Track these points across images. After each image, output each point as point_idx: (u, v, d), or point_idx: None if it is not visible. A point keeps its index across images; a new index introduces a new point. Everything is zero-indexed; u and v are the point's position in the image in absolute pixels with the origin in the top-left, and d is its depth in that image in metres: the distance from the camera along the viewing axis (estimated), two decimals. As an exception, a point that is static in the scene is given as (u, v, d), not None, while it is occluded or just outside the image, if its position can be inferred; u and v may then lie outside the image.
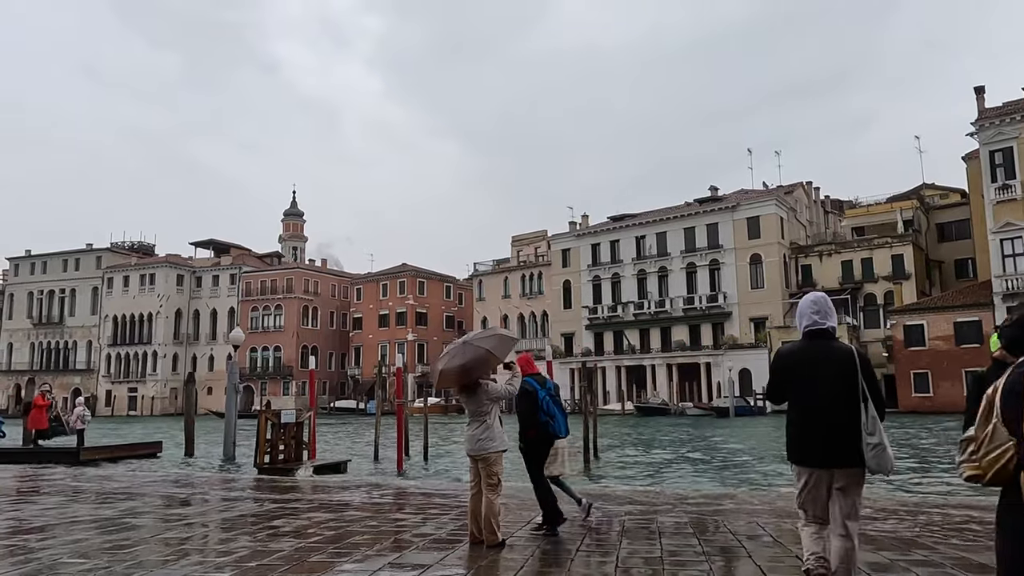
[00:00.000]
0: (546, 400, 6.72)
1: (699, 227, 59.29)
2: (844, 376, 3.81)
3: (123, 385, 78.26)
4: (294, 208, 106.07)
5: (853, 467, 3.75)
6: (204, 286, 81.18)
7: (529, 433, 6.65)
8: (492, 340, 6.20)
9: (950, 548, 5.76)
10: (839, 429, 3.73)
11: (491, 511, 5.86)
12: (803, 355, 3.96)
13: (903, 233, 53.69)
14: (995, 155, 44.22)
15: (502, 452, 6.00)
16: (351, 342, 78.91)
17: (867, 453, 3.68)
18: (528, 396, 6.65)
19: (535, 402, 6.65)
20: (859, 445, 3.69)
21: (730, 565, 5.31)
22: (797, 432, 3.88)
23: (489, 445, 5.93)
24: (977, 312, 43.82)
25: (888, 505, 8.42)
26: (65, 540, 6.56)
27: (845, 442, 3.72)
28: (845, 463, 3.74)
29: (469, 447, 6.06)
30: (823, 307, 4.00)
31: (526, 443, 6.69)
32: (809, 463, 3.83)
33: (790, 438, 3.93)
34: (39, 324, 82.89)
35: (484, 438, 5.95)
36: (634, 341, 60.52)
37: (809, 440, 3.81)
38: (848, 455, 3.72)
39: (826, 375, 3.83)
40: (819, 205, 67.93)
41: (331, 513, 8.02)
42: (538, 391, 6.71)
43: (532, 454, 6.69)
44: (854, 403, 3.75)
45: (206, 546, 6.38)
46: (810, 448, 3.81)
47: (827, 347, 3.94)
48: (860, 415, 3.72)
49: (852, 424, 3.72)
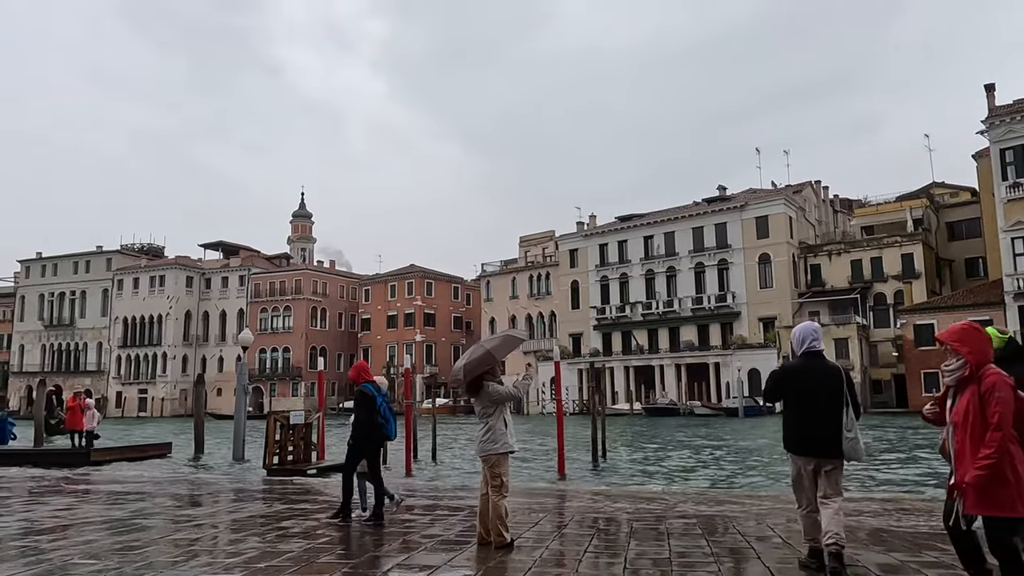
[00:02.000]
0: (383, 405, 7.45)
1: (707, 227, 59.12)
2: (835, 389, 4.87)
3: (133, 387, 78.69)
4: (302, 209, 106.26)
5: (836, 457, 4.85)
6: (213, 288, 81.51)
7: (366, 433, 7.40)
8: (495, 340, 6.24)
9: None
10: (829, 429, 4.80)
11: (497, 512, 5.85)
12: (806, 371, 5.00)
13: (913, 232, 53.41)
14: (1006, 153, 43.91)
15: (504, 454, 5.96)
16: (359, 343, 79.06)
17: (845, 445, 4.77)
18: (367, 400, 7.39)
19: (373, 407, 7.39)
20: (840, 441, 4.77)
21: (739, 567, 5.29)
22: (798, 430, 4.94)
23: (490, 447, 5.92)
24: (988, 311, 43.51)
25: (905, 505, 8.37)
26: (76, 541, 6.60)
27: (832, 439, 4.79)
28: (831, 455, 4.83)
29: (475, 448, 6.11)
30: (819, 334, 5.17)
31: (360, 442, 7.44)
32: (808, 453, 4.90)
33: (790, 434, 5.00)
34: (50, 326, 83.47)
35: (486, 440, 5.94)
36: (642, 341, 60.41)
37: (807, 436, 4.88)
38: (834, 448, 4.80)
39: (823, 388, 4.88)
40: (828, 204, 67.63)
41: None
42: (376, 397, 7.44)
43: (362, 452, 7.49)
44: (840, 409, 4.82)
45: (215, 547, 6.40)
46: (808, 442, 4.88)
47: (823, 365, 5.00)
48: (843, 418, 4.79)
49: (838, 425, 4.79)
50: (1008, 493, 3.57)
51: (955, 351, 3.80)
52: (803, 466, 4.94)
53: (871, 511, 7.87)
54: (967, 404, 3.71)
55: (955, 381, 3.80)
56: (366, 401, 7.38)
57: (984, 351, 3.81)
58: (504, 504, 5.91)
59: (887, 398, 49.53)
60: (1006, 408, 3.62)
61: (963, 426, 3.70)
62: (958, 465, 3.71)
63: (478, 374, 5.92)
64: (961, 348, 3.77)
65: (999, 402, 3.62)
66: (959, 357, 3.79)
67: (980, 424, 3.65)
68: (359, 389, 7.49)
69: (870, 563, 5.24)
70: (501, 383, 6.12)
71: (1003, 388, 3.66)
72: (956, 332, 3.85)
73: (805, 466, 4.92)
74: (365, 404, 7.37)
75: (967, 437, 3.68)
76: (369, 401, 7.39)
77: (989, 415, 3.62)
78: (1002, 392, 3.65)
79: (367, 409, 7.35)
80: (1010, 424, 3.63)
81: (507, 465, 6.00)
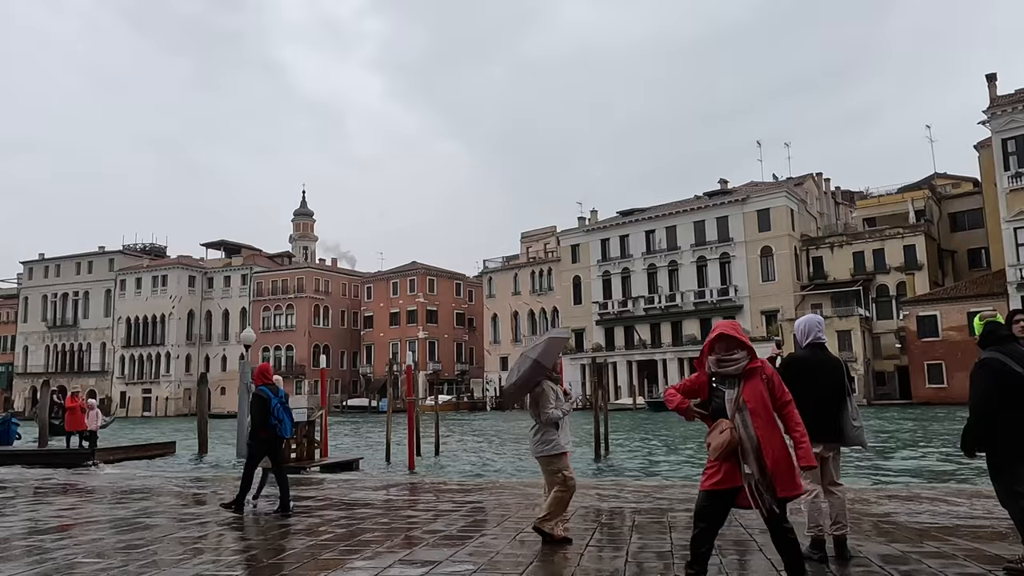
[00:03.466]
0: (277, 407, 7.92)
1: (709, 220, 59.04)
2: (840, 379, 5.15)
3: (137, 386, 78.85)
4: (304, 208, 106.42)
5: (841, 444, 5.16)
6: (216, 287, 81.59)
7: (262, 433, 7.91)
8: (539, 347, 6.05)
9: (963, 540, 5.72)
10: (838, 418, 5.08)
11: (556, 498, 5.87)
12: (815, 361, 5.20)
13: (915, 223, 53.28)
14: (1007, 143, 43.76)
15: (555, 456, 5.89)
16: (362, 340, 79.15)
17: (853, 432, 5.08)
18: (262, 402, 7.88)
19: (268, 408, 7.87)
20: (843, 428, 5.07)
21: (742, 559, 5.30)
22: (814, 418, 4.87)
23: (544, 448, 5.92)
24: (991, 302, 43.35)
25: (908, 495, 8.38)
26: (80, 540, 6.62)
27: (839, 427, 5.08)
28: (836, 440, 5.11)
29: (531, 450, 6.18)
30: (823, 326, 5.42)
31: (257, 441, 7.95)
32: (823, 440, 5.03)
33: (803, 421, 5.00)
34: (54, 327, 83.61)
35: (539, 441, 5.95)
36: (645, 336, 60.39)
37: (824, 424, 5.01)
38: (839, 434, 5.10)
39: (831, 378, 5.13)
40: (830, 196, 67.50)
41: (342, 511, 8.06)
42: (271, 399, 7.91)
43: (261, 450, 8.01)
44: (843, 398, 5.10)
45: (220, 544, 6.42)
46: (825, 430, 5.01)
47: (827, 356, 5.27)
48: (848, 407, 5.09)
49: (842, 413, 5.07)
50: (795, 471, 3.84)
51: (741, 343, 3.91)
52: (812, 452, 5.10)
53: (874, 500, 7.87)
54: (759, 391, 3.85)
55: (742, 370, 3.86)
56: (260, 403, 7.90)
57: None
58: (565, 496, 5.89)
59: (890, 390, 49.48)
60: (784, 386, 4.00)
61: (761, 412, 3.81)
62: (766, 451, 3.73)
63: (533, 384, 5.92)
64: (746, 340, 3.93)
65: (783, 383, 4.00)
66: (742, 348, 3.91)
67: (769, 408, 3.86)
68: (255, 392, 8.02)
69: (872, 553, 5.25)
70: (558, 380, 6.17)
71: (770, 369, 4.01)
72: (736, 327, 4.01)
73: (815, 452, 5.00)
74: (259, 406, 7.89)
75: (764, 422, 3.81)
76: (263, 403, 7.89)
77: (780, 396, 3.91)
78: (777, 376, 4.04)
79: (261, 411, 7.88)
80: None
81: (563, 462, 5.93)
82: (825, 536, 5.04)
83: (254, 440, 8.01)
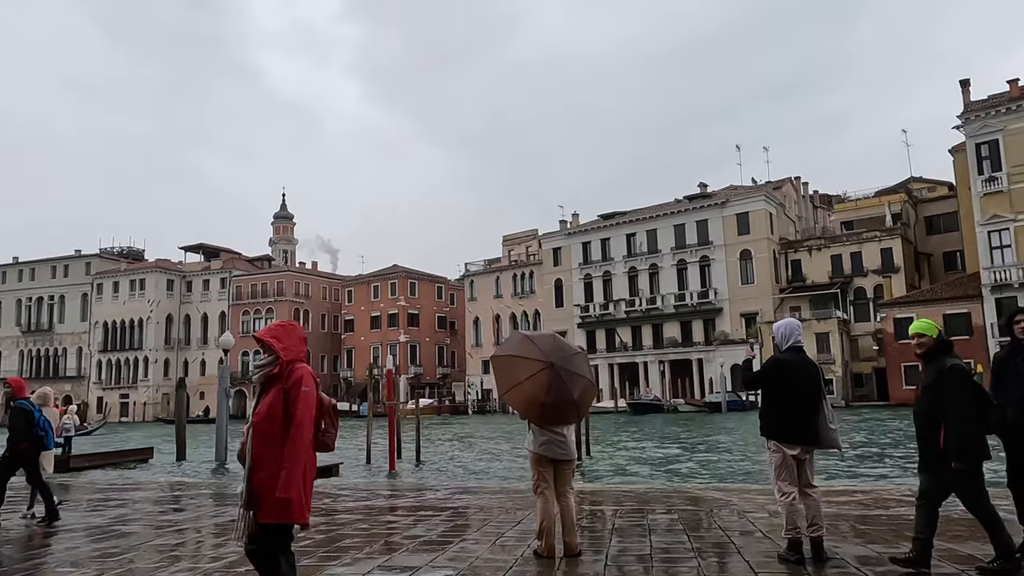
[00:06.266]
0: (42, 419, 8.14)
1: (689, 224, 59.42)
2: (817, 383, 5.21)
3: (115, 391, 77.79)
4: (284, 211, 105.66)
5: (816, 446, 5.21)
6: (195, 291, 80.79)
7: (21, 445, 7.94)
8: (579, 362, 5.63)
9: (937, 540, 5.78)
10: (816, 420, 5.12)
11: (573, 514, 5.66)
12: (795, 364, 5.26)
13: (891, 227, 53.96)
14: (981, 147, 44.45)
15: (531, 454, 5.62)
16: (343, 344, 78.71)
17: (829, 435, 5.13)
18: (25, 415, 7.99)
19: (32, 420, 7.99)
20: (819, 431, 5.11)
21: (721, 562, 5.33)
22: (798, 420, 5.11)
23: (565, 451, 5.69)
24: (966, 304, 44.10)
25: (884, 496, 8.46)
26: (55, 549, 6.52)
27: (817, 429, 5.12)
28: (812, 443, 5.15)
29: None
30: (800, 329, 5.54)
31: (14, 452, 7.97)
32: (803, 442, 5.13)
33: (784, 423, 5.15)
34: (28, 331, 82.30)
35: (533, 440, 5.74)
36: (626, 338, 60.61)
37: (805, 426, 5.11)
38: (817, 438, 5.14)
39: (810, 381, 5.19)
40: (808, 200, 68.17)
41: (322, 516, 8.00)
42: (35, 411, 8.10)
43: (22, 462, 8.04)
44: (819, 401, 5.16)
45: (198, 552, 6.36)
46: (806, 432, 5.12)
47: (805, 359, 5.32)
48: (824, 410, 5.14)
49: (818, 416, 5.11)
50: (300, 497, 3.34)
51: (269, 347, 3.49)
52: (790, 454, 5.12)
53: (851, 503, 7.95)
54: (271, 403, 3.40)
55: (264, 378, 3.48)
56: (25, 415, 7.99)
57: (299, 349, 3.55)
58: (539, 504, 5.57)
59: (868, 391, 50.00)
60: (308, 404, 3.42)
61: (262, 428, 3.38)
62: (257, 471, 3.33)
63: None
64: (276, 344, 3.47)
65: (303, 397, 3.40)
66: (271, 352, 3.48)
67: (282, 425, 3.37)
68: (17, 405, 8.06)
69: (848, 555, 5.30)
70: None
71: (309, 382, 3.45)
72: (273, 329, 3.57)
73: (792, 455, 5.12)
74: (24, 418, 7.97)
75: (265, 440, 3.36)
76: (28, 415, 8.00)
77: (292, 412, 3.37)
78: (308, 386, 3.44)
79: (26, 422, 7.95)
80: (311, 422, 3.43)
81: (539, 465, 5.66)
82: (802, 538, 5.09)
83: (12, 452, 7.99)
